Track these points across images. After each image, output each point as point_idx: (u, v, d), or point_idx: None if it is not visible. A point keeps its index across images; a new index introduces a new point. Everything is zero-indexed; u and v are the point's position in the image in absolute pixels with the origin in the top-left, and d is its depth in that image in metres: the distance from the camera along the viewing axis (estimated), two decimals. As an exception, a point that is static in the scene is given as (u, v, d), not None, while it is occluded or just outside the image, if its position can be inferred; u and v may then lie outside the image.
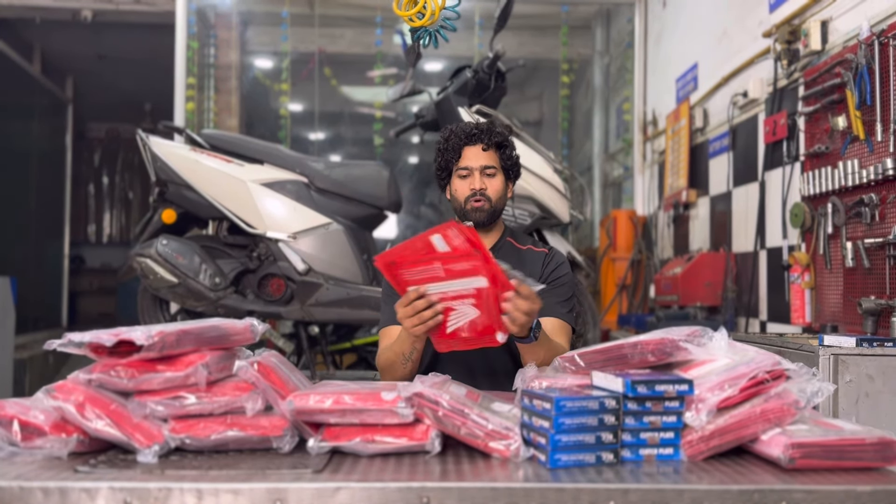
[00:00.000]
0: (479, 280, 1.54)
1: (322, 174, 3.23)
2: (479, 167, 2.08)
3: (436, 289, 1.59)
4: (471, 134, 2.09)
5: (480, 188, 2.06)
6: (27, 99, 7.22)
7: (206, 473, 1.17)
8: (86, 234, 10.69)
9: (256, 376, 1.33)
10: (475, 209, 2.07)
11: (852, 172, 2.89)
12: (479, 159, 2.08)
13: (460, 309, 1.61)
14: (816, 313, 3.24)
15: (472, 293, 1.57)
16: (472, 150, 2.09)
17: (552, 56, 6.60)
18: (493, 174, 2.09)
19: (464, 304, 1.59)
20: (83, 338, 1.29)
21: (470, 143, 2.09)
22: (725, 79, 4.29)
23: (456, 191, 2.11)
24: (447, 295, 1.59)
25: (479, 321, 1.61)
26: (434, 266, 1.55)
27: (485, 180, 2.07)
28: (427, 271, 1.56)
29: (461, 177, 2.09)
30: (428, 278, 1.58)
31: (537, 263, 2.13)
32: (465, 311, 1.61)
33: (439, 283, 1.58)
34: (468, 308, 1.60)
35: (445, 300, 1.61)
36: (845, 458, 1.22)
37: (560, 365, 1.44)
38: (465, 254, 1.51)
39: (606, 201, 6.80)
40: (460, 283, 1.56)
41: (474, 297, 1.57)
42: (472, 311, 1.60)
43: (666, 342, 1.34)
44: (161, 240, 3.10)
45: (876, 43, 2.78)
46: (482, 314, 1.59)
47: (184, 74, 5.66)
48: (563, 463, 1.20)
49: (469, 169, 2.08)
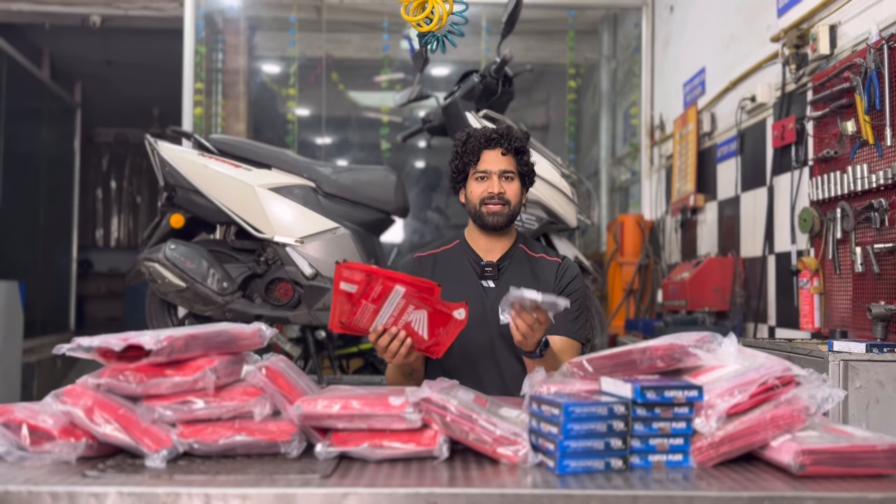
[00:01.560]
0: (398, 290, 1.66)
1: (329, 179, 3.23)
2: (498, 171, 2.08)
3: (382, 318, 1.71)
4: (490, 138, 2.09)
5: (499, 192, 2.06)
6: (36, 104, 7.26)
7: (214, 478, 1.17)
8: (94, 238, 10.73)
9: (264, 381, 1.33)
10: (492, 213, 2.07)
11: (861, 177, 2.88)
12: (498, 163, 2.08)
13: (413, 318, 1.72)
14: (826, 319, 3.23)
15: (404, 301, 1.68)
16: (491, 153, 2.09)
17: (559, 60, 6.59)
18: (511, 178, 2.09)
19: (410, 313, 1.71)
20: (92, 342, 1.29)
21: (489, 146, 2.09)
22: (733, 83, 4.28)
23: (471, 193, 2.11)
24: (395, 316, 1.71)
25: (433, 315, 1.72)
26: (364, 305, 1.68)
27: (503, 184, 2.08)
28: (364, 313, 1.69)
29: (478, 179, 2.09)
30: (370, 317, 1.70)
31: (550, 274, 2.13)
32: (418, 317, 1.72)
33: (379, 313, 1.70)
34: (417, 314, 1.71)
35: (398, 321, 1.71)
36: (856, 464, 1.21)
37: (568, 370, 1.43)
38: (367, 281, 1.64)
39: (613, 206, 6.79)
40: (390, 302, 1.68)
41: (409, 303, 1.69)
42: (421, 314, 1.71)
43: (675, 348, 1.33)
44: (169, 244, 3.10)
45: (885, 47, 2.77)
46: (427, 310, 1.71)
47: (192, 79, 5.69)
48: (571, 469, 1.20)
49: (488, 172, 2.08)
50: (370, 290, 1.66)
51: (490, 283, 2.10)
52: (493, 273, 2.10)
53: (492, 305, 2.06)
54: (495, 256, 2.13)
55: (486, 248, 2.13)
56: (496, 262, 2.11)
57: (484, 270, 2.10)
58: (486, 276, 2.10)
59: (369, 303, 1.68)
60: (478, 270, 2.11)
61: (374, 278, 1.64)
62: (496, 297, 2.07)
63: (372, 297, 1.67)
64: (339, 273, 1.63)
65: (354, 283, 1.64)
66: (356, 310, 1.69)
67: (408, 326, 1.73)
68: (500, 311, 1.70)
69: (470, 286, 2.08)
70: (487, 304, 2.06)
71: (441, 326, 1.74)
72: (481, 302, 2.06)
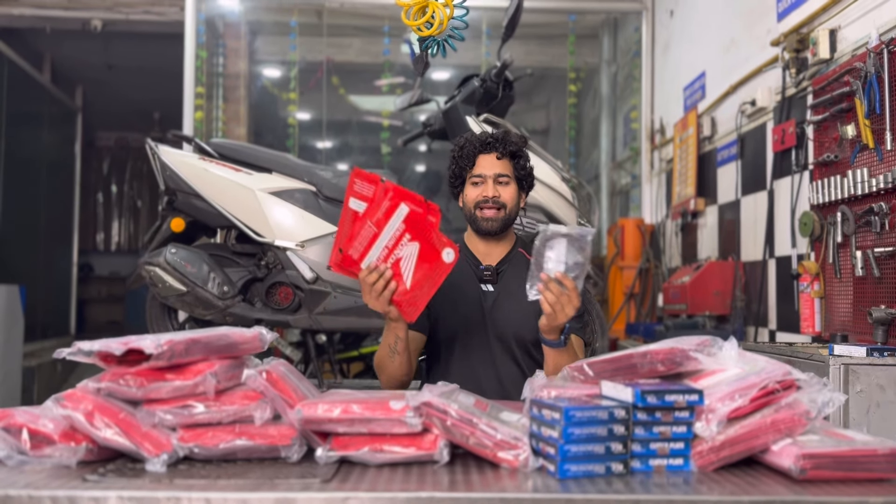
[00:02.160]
0: (402, 210, 1.72)
1: (330, 183, 3.23)
2: (493, 175, 2.08)
3: (377, 249, 1.75)
4: (485, 142, 2.09)
5: (494, 195, 2.06)
6: (37, 108, 7.27)
7: (214, 483, 1.17)
8: (94, 242, 10.73)
9: (265, 385, 1.33)
10: (486, 218, 2.06)
11: (862, 181, 2.88)
12: (493, 167, 2.08)
13: (405, 252, 1.76)
14: (826, 322, 3.23)
15: (403, 226, 1.73)
16: (486, 158, 2.09)
17: (559, 65, 6.61)
18: (507, 183, 2.09)
19: (404, 246, 1.75)
20: (92, 346, 1.29)
21: (484, 151, 2.09)
22: (733, 87, 4.28)
23: (467, 197, 2.11)
24: (389, 246, 1.75)
25: (423, 251, 1.76)
26: (366, 226, 1.73)
27: (498, 188, 2.07)
28: (365, 237, 1.74)
29: (474, 184, 2.09)
30: (369, 242, 1.75)
31: None
32: (409, 251, 1.76)
33: (377, 240, 1.74)
34: (409, 246, 1.75)
35: (390, 254, 1.76)
36: (857, 468, 1.21)
37: (569, 374, 1.43)
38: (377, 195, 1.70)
39: (614, 210, 6.80)
40: (391, 224, 1.73)
41: (407, 229, 1.73)
42: (414, 246, 1.75)
43: (676, 352, 1.33)
44: (170, 248, 3.10)
45: (885, 51, 2.77)
46: (421, 242, 1.75)
47: (192, 84, 5.69)
48: (572, 473, 1.20)
49: (482, 176, 2.08)
50: (377, 207, 1.71)
51: (489, 287, 2.10)
52: (491, 277, 2.10)
53: (490, 309, 2.06)
54: (494, 260, 2.13)
55: (484, 252, 2.13)
56: (495, 265, 2.12)
57: (483, 274, 2.10)
58: (484, 280, 2.10)
59: (372, 224, 1.72)
60: (477, 274, 2.11)
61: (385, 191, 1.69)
62: (495, 301, 2.07)
63: (377, 216, 1.72)
64: (351, 183, 1.68)
65: (364, 199, 1.69)
66: (357, 231, 1.73)
67: (396, 265, 1.77)
68: (527, 287, 1.68)
69: (469, 290, 2.09)
70: (486, 307, 2.06)
71: (427, 267, 1.77)
72: (480, 305, 2.07)
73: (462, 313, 2.06)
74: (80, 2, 6.18)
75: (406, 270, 1.78)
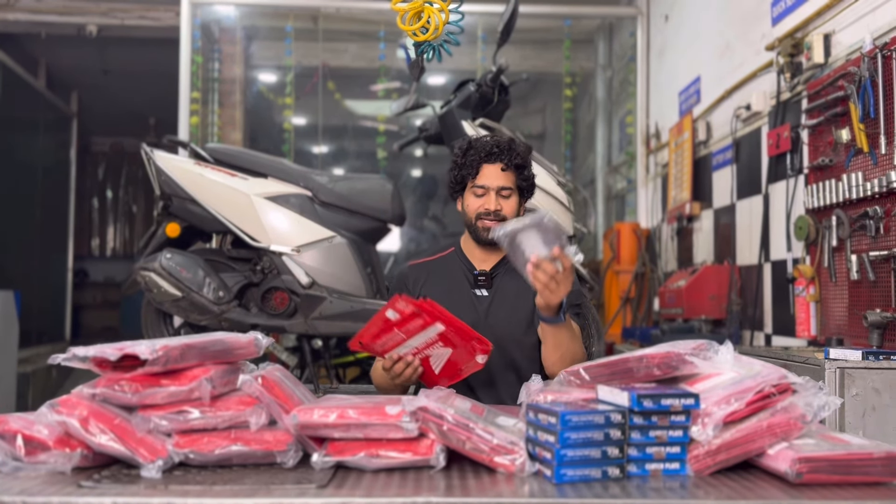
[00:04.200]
0: (435, 328, 1.68)
1: (326, 188, 3.23)
2: (497, 187, 2.05)
3: (405, 348, 1.75)
4: (491, 152, 2.05)
5: (496, 209, 2.04)
6: (32, 113, 7.26)
7: (210, 489, 1.17)
8: (89, 247, 10.71)
9: (260, 390, 1.33)
10: (486, 228, 2.04)
11: (856, 185, 2.89)
12: (497, 179, 2.05)
13: (435, 353, 1.76)
14: (822, 326, 3.23)
15: (436, 338, 1.71)
16: (490, 168, 2.06)
17: (555, 69, 6.62)
18: (509, 195, 2.07)
19: (435, 349, 1.74)
20: (87, 352, 1.29)
21: (489, 161, 2.05)
22: (728, 92, 4.29)
23: (468, 206, 2.09)
24: (419, 349, 1.75)
25: (455, 356, 1.76)
26: (394, 333, 1.70)
27: (500, 201, 2.05)
28: (391, 339, 1.72)
29: (476, 195, 2.07)
30: (393, 344, 1.73)
31: None
32: (440, 354, 1.76)
33: (403, 344, 1.73)
34: (440, 350, 1.74)
35: (419, 352, 1.76)
36: (853, 472, 1.21)
37: (565, 379, 1.43)
38: (413, 314, 1.66)
39: (610, 214, 6.80)
40: (422, 336, 1.71)
41: (440, 340, 1.71)
42: (445, 351, 1.75)
43: (672, 356, 1.33)
44: (165, 253, 3.10)
45: (879, 56, 2.78)
46: (454, 349, 1.74)
47: (188, 89, 5.69)
48: (568, 478, 1.19)
49: (486, 188, 2.06)
50: (409, 322, 1.67)
51: (483, 292, 2.09)
52: (485, 282, 2.09)
53: (484, 314, 2.06)
54: (490, 265, 2.12)
55: (480, 258, 2.13)
56: (489, 270, 2.11)
57: (476, 279, 2.09)
58: (478, 285, 2.10)
59: (400, 332, 1.69)
60: (470, 279, 2.10)
61: (419, 314, 1.65)
62: (488, 306, 2.07)
63: (407, 328, 1.68)
64: (392, 301, 1.64)
65: (401, 313, 1.65)
66: (382, 336, 1.71)
67: (426, 361, 1.77)
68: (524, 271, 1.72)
69: (462, 294, 2.08)
70: (479, 312, 2.06)
71: (458, 366, 1.78)
72: (474, 310, 2.06)
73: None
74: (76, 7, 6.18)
75: (437, 366, 1.79)
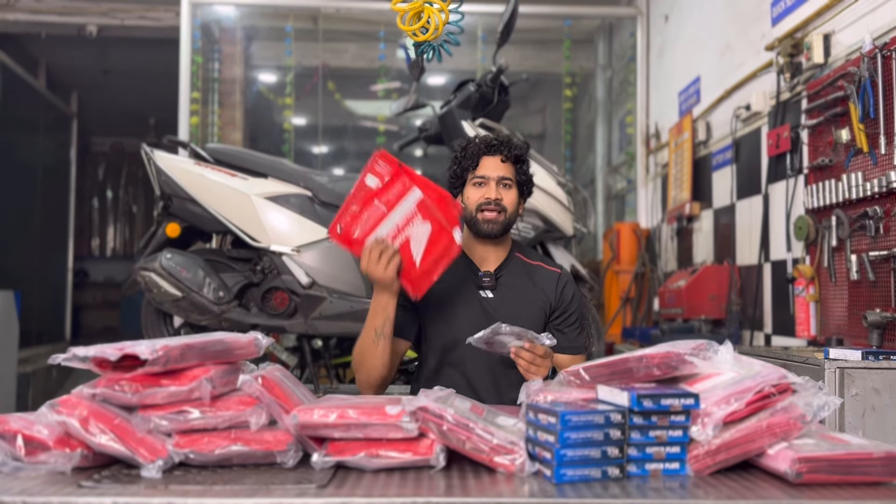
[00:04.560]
0: (414, 193, 1.72)
1: (326, 188, 3.23)
2: (497, 177, 2.07)
3: (386, 228, 1.76)
4: (491, 144, 2.09)
5: (496, 197, 2.05)
6: (32, 113, 7.26)
7: (210, 489, 1.17)
8: (89, 247, 10.70)
9: (260, 390, 1.33)
10: (487, 220, 2.06)
11: (856, 185, 2.89)
12: (497, 170, 2.07)
13: (415, 232, 1.76)
14: (821, 326, 3.23)
15: (415, 209, 1.73)
16: (490, 160, 2.08)
17: (555, 70, 6.62)
18: (509, 186, 2.08)
19: (415, 225, 1.75)
20: (87, 352, 1.28)
21: (489, 153, 2.08)
22: (728, 92, 4.30)
23: (468, 198, 2.09)
24: (400, 226, 1.76)
25: (434, 232, 1.76)
26: (375, 205, 1.73)
27: (500, 191, 2.06)
28: (372, 214, 1.74)
29: (476, 185, 2.08)
30: (375, 221, 1.75)
31: (550, 284, 2.13)
32: (420, 231, 1.76)
33: (386, 219, 1.75)
34: (421, 226, 1.76)
35: (400, 232, 1.76)
36: (853, 472, 1.21)
37: (565, 379, 1.43)
38: (393, 177, 1.70)
39: (610, 214, 6.81)
40: (402, 207, 1.73)
41: (419, 211, 1.73)
42: (425, 227, 1.76)
43: (671, 356, 1.33)
44: (165, 253, 3.10)
45: (878, 56, 2.78)
46: (433, 223, 1.75)
47: (188, 89, 5.69)
48: (568, 478, 1.19)
49: (486, 178, 2.07)
50: (389, 189, 1.71)
51: (488, 294, 2.09)
52: (490, 283, 2.09)
53: (494, 315, 2.05)
54: (491, 265, 2.12)
55: (481, 257, 2.12)
56: (493, 271, 2.11)
57: (482, 281, 2.09)
58: (483, 286, 2.09)
59: (381, 204, 1.73)
60: (475, 280, 2.10)
61: (399, 174, 1.71)
62: (495, 307, 2.07)
63: (387, 196, 1.72)
64: (373, 162, 1.69)
65: (380, 176, 1.71)
66: (363, 211, 1.74)
67: (406, 244, 1.77)
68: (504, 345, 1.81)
69: (469, 296, 2.08)
70: (490, 313, 2.05)
71: (436, 250, 1.79)
72: (481, 311, 2.06)
73: (462, 320, 2.04)
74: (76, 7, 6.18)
75: (416, 250, 1.79)
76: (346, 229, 1.75)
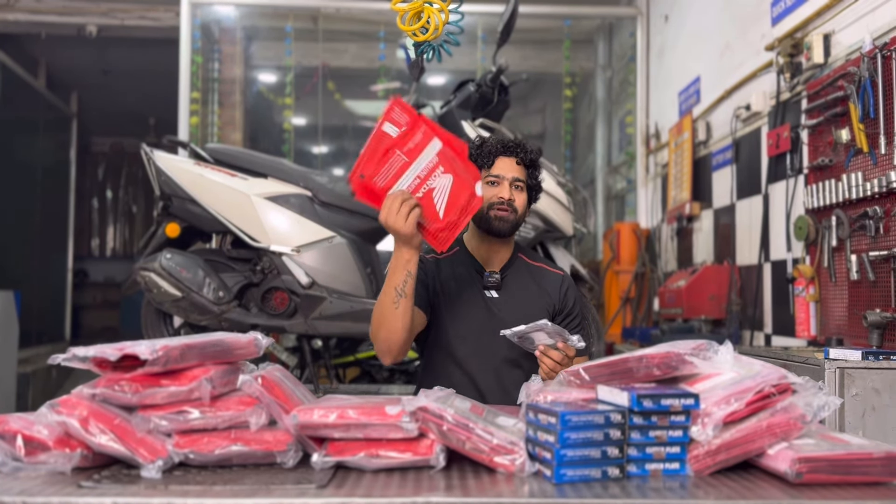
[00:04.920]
0: (435, 144, 1.69)
1: (326, 188, 3.23)
2: (511, 178, 2.09)
3: (408, 178, 1.72)
4: (507, 145, 2.11)
5: (510, 198, 2.06)
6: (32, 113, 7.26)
7: (210, 489, 1.17)
8: (89, 247, 10.70)
9: (260, 391, 1.33)
10: (499, 217, 2.06)
11: (856, 185, 2.89)
12: (511, 170, 2.09)
13: (437, 184, 1.73)
14: (821, 326, 3.23)
15: (437, 160, 1.70)
16: (506, 160, 2.10)
17: (555, 70, 6.62)
18: (521, 188, 2.10)
19: (437, 177, 1.72)
20: (87, 352, 1.28)
21: (506, 153, 2.10)
22: (728, 92, 4.30)
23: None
24: (421, 177, 1.72)
25: (456, 184, 1.74)
26: (396, 156, 1.69)
27: (514, 192, 2.08)
28: (393, 165, 1.70)
29: (490, 184, 2.09)
30: (397, 172, 1.71)
31: (555, 286, 2.14)
32: (442, 183, 1.73)
33: (408, 170, 1.71)
34: (442, 178, 1.73)
35: (422, 184, 1.73)
36: (853, 472, 1.21)
37: (565, 379, 1.43)
38: (412, 127, 1.67)
39: (610, 214, 6.81)
40: (424, 157, 1.70)
41: (440, 161, 1.71)
42: (447, 179, 1.73)
43: (671, 356, 1.33)
44: (165, 254, 3.10)
45: (878, 56, 2.78)
46: (454, 175, 1.72)
47: (188, 89, 5.69)
48: (568, 478, 1.19)
49: (500, 178, 2.09)
50: (409, 138, 1.67)
51: (493, 294, 2.09)
52: (496, 283, 2.10)
53: (500, 315, 2.05)
54: (495, 265, 2.12)
55: (485, 257, 2.13)
56: (499, 272, 2.11)
57: (488, 281, 2.10)
58: (488, 287, 2.10)
59: (402, 154, 1.69)
60: (480, 280, 2.10)
61: (419, 123, 1.67)
62: (500, 307, 2.07)
63: (408, 146, 1.68)
64: (389, 109, 1.65)
65: (398, 125, 1.66)
66: (384, 162, 1.69)
67: (428, 196, 1.73)
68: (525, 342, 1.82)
69: (475, 296, 2.08)
70: (496, 314, 2.05)
71: (459, 202, 1.75)
72: (488, 312, 2.06)
73: (467, 319, 2.05)
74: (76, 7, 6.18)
75: (439, 202, 1.75)
76: (368, 178, 1.69)
